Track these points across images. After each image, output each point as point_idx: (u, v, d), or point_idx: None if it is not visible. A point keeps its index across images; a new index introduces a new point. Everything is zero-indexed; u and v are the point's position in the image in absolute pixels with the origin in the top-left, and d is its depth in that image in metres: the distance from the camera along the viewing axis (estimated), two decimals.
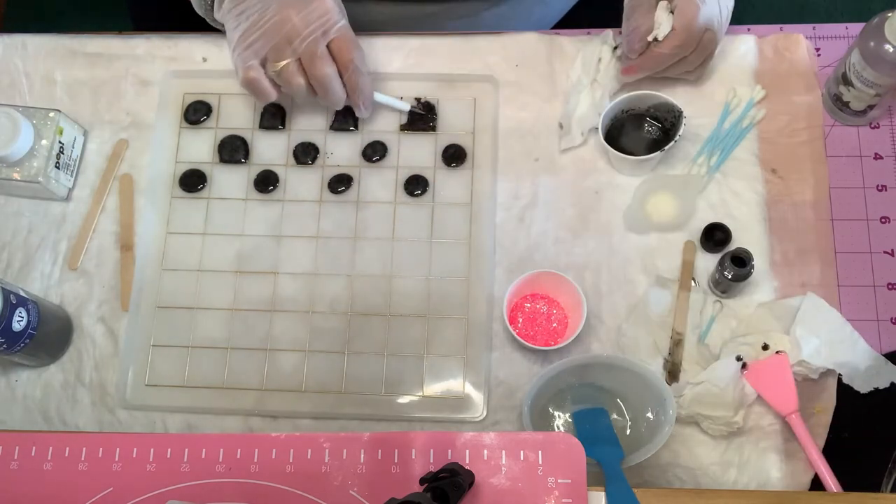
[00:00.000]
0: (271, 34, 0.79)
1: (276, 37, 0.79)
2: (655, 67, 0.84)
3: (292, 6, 0.78)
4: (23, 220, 0.89)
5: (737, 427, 0.78)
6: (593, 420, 0.79)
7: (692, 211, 0.85)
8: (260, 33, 0.79)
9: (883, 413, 0.84)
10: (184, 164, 0.90)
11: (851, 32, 0.98)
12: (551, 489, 0.65)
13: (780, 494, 0.73)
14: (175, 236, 0.88)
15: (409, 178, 0.88)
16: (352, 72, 0.81)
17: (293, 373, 0.83)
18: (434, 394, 0.82)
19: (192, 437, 0.69)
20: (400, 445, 0.67)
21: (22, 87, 0.94)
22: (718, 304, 0.83)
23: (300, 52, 0.79)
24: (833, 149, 0.91)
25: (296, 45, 0.79)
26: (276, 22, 0.78)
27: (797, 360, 0.78)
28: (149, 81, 0.93)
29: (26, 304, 0.78)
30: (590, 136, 0.89)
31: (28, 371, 0.84)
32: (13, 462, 0.68)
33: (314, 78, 0.81)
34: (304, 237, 0.87)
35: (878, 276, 0.87)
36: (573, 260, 0.85)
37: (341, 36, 0.80)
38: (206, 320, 0.85)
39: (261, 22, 0.79)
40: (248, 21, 0.79)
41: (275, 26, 0.78)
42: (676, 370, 0.81)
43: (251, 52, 0.80)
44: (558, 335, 0.82)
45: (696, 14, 0.79)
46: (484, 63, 0.92)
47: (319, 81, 0.81)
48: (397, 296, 0.85)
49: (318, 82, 0.81)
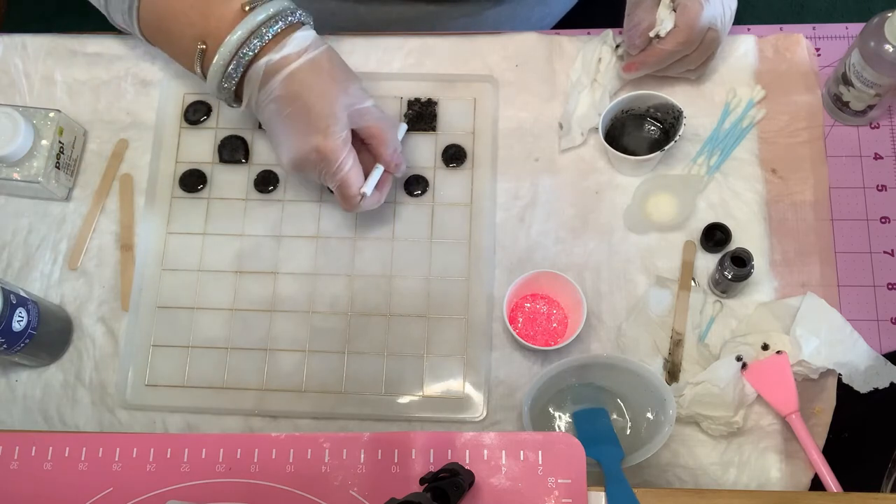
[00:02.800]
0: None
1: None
2: (657, 65, 0.84)
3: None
4: (23, 220, 0.89)
5: (737, 427, 0.78)
6: (593, 420, 0.79)
7: (692, 211, 0.86)
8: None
9: (883, 413, 0.84)
10: (184, 164, 0.90)
11: (851, 32, 0.98)
12: (551, 489, 0.65)
13: (780, 494, 0.73)
14: (175, 236, 0.88)
15: (409, 178, 0.88)
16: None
17: (293, 373, 0.83)
18: (434, 394, 0.82)
19: (192, 437, 0.69)
20: (400, 445, 0.67)
21: (22, 87, 0.94)
22: (718, 304, 0.83)
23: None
24: (833, 149, 0.91)
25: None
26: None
27: (797, 360, 0.78)
28: (149, 81, 0.93)
29: (26, 304, 0.78)
30: (590, 136, 0.89)
31: (28, 371, 0.84)
32: (13, 462, 0.68)
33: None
34: (303, 237, 0.87)
35: (878, 276, 0.87)
36: (573, 260, 0.85)
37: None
38: (206, 320, 0.85)
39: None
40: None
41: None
42: (676, 370, 0.81)
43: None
44: (558, 335, 0.82)
45: (700, 12, 0.79)
46: (484, 63, 0.92)
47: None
48: (397, 296, 0.85)
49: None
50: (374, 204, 0.82)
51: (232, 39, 0.75)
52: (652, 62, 0.84)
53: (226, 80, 0.77)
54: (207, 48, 0.77)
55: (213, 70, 0.77)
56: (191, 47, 0.78)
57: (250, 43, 0.75)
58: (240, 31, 0.74)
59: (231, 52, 0.75)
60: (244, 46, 0.75)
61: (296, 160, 0.78)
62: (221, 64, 0.76)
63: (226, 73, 0.76)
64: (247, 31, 0.74)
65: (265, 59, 0.75)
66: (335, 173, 0.77)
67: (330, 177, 0.78)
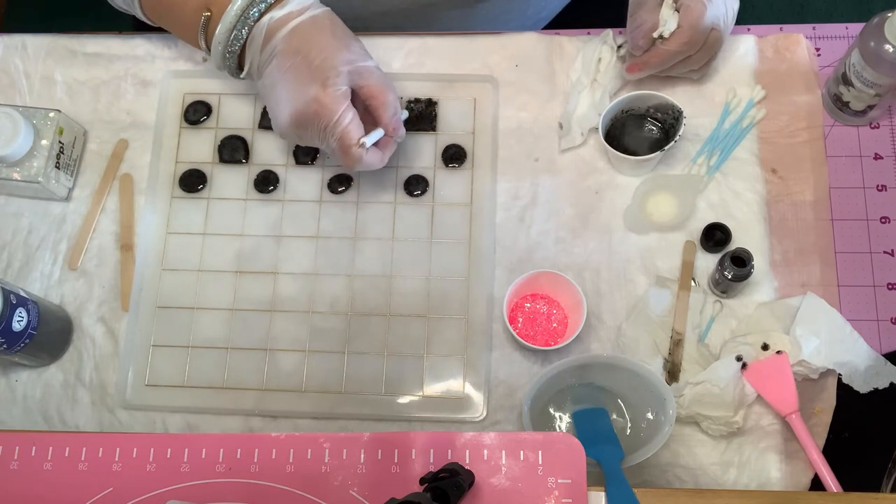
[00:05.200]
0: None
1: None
2: (661, 65, 0.84)
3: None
4: (23, 220, 0.89)
5: (737, 427, 0.78)
6: (593, 420, 0.79)
7: (692, 211, 0.86)
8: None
9: (883, 413, 0.84)
10: (184, 164, 0.90)
11: (851, 32, 0.98)
12: (551, 489, 0.65)
13: (780, 494, 0.73)
14: (175, 236, 0.88)
15: (409, 178, 0.88)
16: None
17: (293, 373, 0.83)
18: (434, 394, 0.82)
19: (192, 437, 0.69)
20: (400, 445, 0.67)
21: (22, 87, 0.94)
22: (718, 304, 0.83)
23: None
24: (833, 149, 0.91)
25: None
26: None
27: (797, 360, 0.78)
28: (149, 81, 0.93)
29: (26, 304, 0.78)
30: (590, 136, 0.89)
31: (28, 371, 0.84)
32: (13, 462, 0.68)
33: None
34: (303, 237, 0.87)
35: (878, 276, 0.87)
36: (573, 260, 0.85)
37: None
38: (206, 320, 0.85)
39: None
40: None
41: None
42: (676, 370, 0.81)
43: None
44: (558, 335, 0.82)
45: (703, 12, 0.79)
46: (484, 63, 0.92)
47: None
48: (397, 296, 0.85)
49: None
50: (377, 163, 0.82)
51: (237, 2, 0.77)
52: (655, 63, 0.84)
53: (230, 45, 0.79)
54: (212, 15, 0.79)
55: (219, 35, 0.79)
56: (194, 18, 0.80)
57: (257, 3, 0.77)
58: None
59: (237, 14, 0.77)
60: (251, 6, 0.77)
61: (295, 114, 0.78)
62: (227, 28, 0.78)
63: (231, 38, 0.79)
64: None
65: (268, 17, 0.77)
66: (334, 126, 0.78)
67: (329, 130, 0.78)
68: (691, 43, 0.81)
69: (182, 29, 0.84)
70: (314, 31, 0.78)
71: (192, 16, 0.80)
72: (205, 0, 0.79)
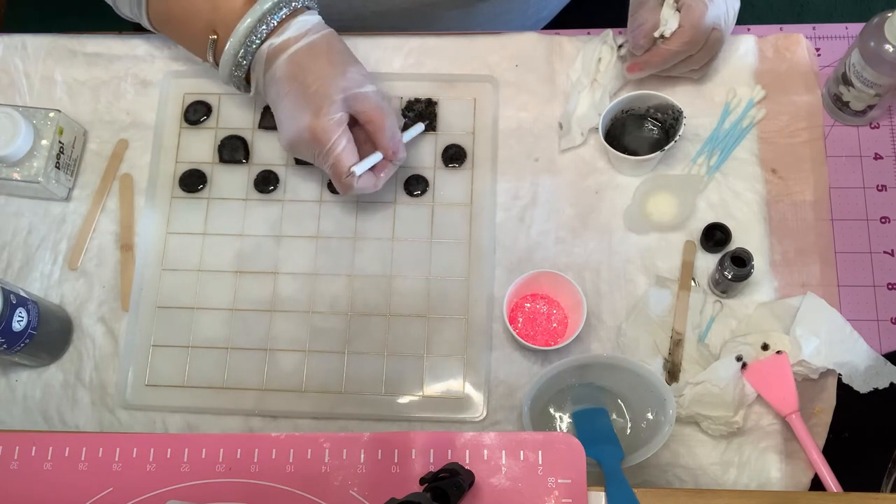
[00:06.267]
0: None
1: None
2: (662, 65, 0.84)
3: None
4: (23, 220, 0.89)
5: (737, 427, 0.78)
6: (593, 420, 0.79)
7: (692, 211, 0.86)
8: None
9: (883, 413, 0.84)
10: (184, 164, 0.90)
11: (851, 32, 0.98)
12: (551, 489, 0.65)
13: (780, 494, 0.73)
14: (175, 236, 0.88)
15: (409, 178, 0.88)
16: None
17: (293, 373, 0.83)
18: (434, 394, 0.82)
19: (192, 437, 0.69)
20: (400, 445, 0.67)
21: (22, 87, 0.94)
22: (718, 304, 0.83)
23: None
24: (833, 149, 0.91)
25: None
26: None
27: (797, 360, 0.78)
28: (149, 81, 0.93)
29: (26, 304, 0.78)
30: (590, 136, 0.89)
31: (28, 371, 0.84)
32: (13, 462, 0.68)
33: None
34: (304, 237, 0.87)
35: (878, 276, 0.87)
36: (573, 260, 0.85)
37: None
38: (206, 320, 0.85)
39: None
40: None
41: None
42: (676, 370, 0.81)
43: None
44: (558, 335, 0.82)
45: (705, 12, 0.79)
46: (484, 63, 0.92)
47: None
48: (397, 296, 0.85)
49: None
50: (370, 187, 0.82)
51: (241, 28, 0.78)
52: (656, 62, 0.84)
53: (236, 68, 0.81)
54: (219, 38, 0.80)
55: (225, 58, 0.81)
56: (202, 37, 0.82)
57: (257, 30, 0.78)
58: (248, 20, 0.78)
59: (240, 40, 0.79)
60: (252, 34, 0.78)
61: (290, 140, 0.81)
62: (232, 53, 0.80)
63: (236, 61, 0.80)
64: (255, 19, 0.78)
65: (268, 44, 0.79)
66: (327, 154, 0.79)
67: (322, 157, 0.80)
68: (692, 42, 0.81)
69: (191, 45, 0.86)
70: (310, 58, 0.79)
71: (199, 36, 0.82)
72: (211, 21, 0.81)
